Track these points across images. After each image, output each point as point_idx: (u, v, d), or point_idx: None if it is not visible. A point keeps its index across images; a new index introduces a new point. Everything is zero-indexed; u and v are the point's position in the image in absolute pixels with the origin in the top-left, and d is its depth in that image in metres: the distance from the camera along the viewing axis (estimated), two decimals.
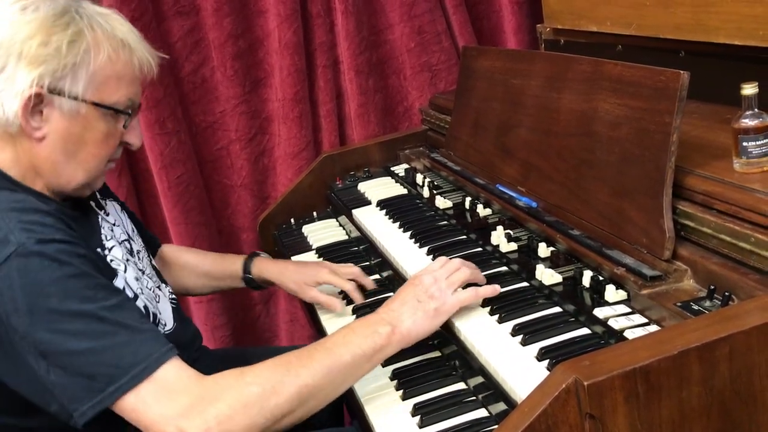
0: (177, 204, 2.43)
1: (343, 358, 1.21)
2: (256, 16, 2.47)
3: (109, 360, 1.11)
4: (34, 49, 1.18)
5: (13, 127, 1.21)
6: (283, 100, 2.49)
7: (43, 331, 1.10)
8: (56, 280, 1.12)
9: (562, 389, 0.93)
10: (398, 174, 2.26)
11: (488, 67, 1.95)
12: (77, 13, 1.24)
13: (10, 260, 1.11)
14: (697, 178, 1.30)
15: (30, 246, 1.12)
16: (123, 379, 1.10)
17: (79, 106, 1.23)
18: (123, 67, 1.27)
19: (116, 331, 1.12)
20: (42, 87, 1.19)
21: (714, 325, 0.99)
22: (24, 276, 1.11)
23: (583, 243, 1.42)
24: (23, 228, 1.14)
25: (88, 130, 1.25)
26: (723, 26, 1.52)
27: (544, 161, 1.64)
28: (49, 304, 1.10)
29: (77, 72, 1.21)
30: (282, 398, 1.14)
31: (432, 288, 1.32)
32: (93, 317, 1.12)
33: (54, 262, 1.12)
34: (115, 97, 1.27)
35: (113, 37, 1.26)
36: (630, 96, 1.39)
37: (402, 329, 1.27)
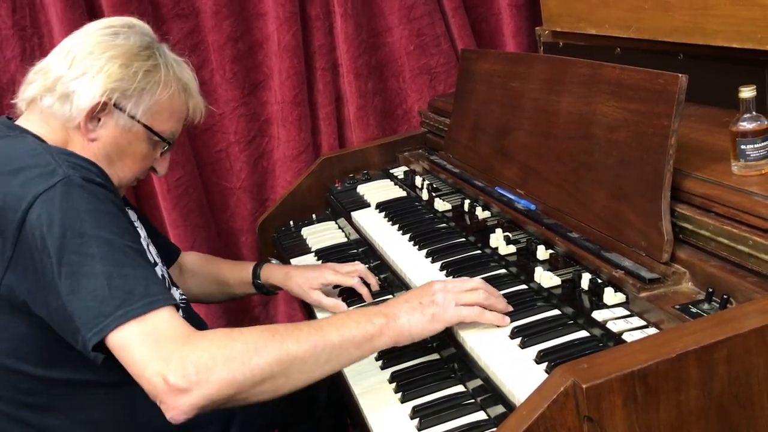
0: (176, 206, 2.43)
1: (331, 338, 1.22)
2: (256, 18, 2.47)
3: (124, 286, 1.17)
4: (116, 68, 1.37)
5: (73, 122, 1.37)
6: (282, 103, 2.49)
7: (71, 253, 1.17)
8: (92, 211, 1.21)
9: (561, 392, 0.93)
10: (397, 176, 2.26)
11: (487, 70, 1.95)
12: (158, 51, 1.45)
13: (56, 187, 1.21)
14: (696, 181, 1.30)
15: (75, 179, 1.23)
16: (133, 305, 1.16)
17: (133, 124, 1.41)
18: (179, 106, 1.48)
19: (136, 265, 1.21)
20: (110, 99, 1.37)
21: (712, 328, 0.99)
22: (65, 200, 1.20)
23: (582, 246, 1.42)
24: (71, 165, 1.25)
25: (132, 145, 1.43)
26: (721, 29, 1.52)
27: (542, 164, 1.64)
28: (81, 227, 1.19)
29: (142, 96, 1.40)
30: (263, 359, 1.16)
31: (438, 295, 1.32)
32: (118, 247, 1.20)
33: (93, 196, 1.23)
34: (163, 126, 1.45)
35: (180, 79, 1.47)
36: (628, 99, 1.39)
37: (396, 324, 1.27)
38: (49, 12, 2.28)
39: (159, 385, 1.12)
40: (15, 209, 1.20)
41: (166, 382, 1.12)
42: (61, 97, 1.36)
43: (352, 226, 2.05)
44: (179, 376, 1.12)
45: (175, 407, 1.12)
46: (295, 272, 1.77)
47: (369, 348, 1.26)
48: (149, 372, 1.13)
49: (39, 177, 1.22)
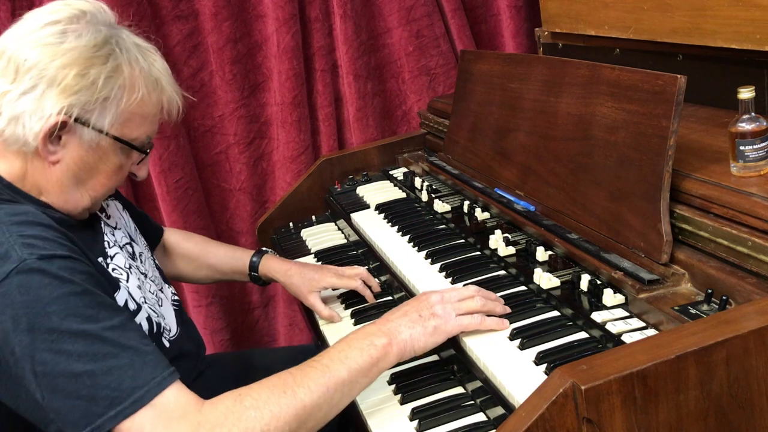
0: (176, 208, 2.43)
1: (340, 375, 1.18)
2: (255, 20, 2.48)
3: (110, 383, 1.07)
4: (70, 79, 1.18)
5: (29, 147, 1.21)
6: (281, 104, 2.49)
7: (43, 351, 1.07)
8: (58, 298, 1.09)
9: (560, 393, 0.93)
10: (397, 178, 2.26)
11: (486, 71, 1.95)
12: (117, 45, 1.24)
13: (11, 277, 1.08)
14: (695, 182, 1.30)
15: (31, 262, 1.10)
16: (124, 404, 1.07)
17: (100, 138, 1.23)
18: (151, 108, 1.29)
19: (118, 353, 1.09)
20: (69, 116, 1.19)
21: (711, 329, 0.99)
22: (25, 293, 1.08)
23: (581, 247, 1.42)
24: (24, 243, 1.12)
25: (102, 161, 1.26)
26: (720, 30, 1.52)
27: (542, 165, 1.64)
28: (50, 323, 1.07)
29: (107, 106, 1.21)
30: (281, 421, 1.12)
31: (436, 306, 1.29)
32: (95, 338, 1.09)
33: (56, 279, 1.10)
34: (135, 133, 1.28)
35: (149, 76, 1.27)
36: (627, 100, 1.39)
37: (399, 341, 1.24)
38: None
39: None
40: None
41: None
42: (10, 121, 1.18)
43: (351, 228, 2.05)
44: None
45: None
46: (296, 271, 1.73)
47: (376, 372, 1.23)
48: None
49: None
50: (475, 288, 1.36)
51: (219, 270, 1.82)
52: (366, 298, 1.69)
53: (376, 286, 1.72)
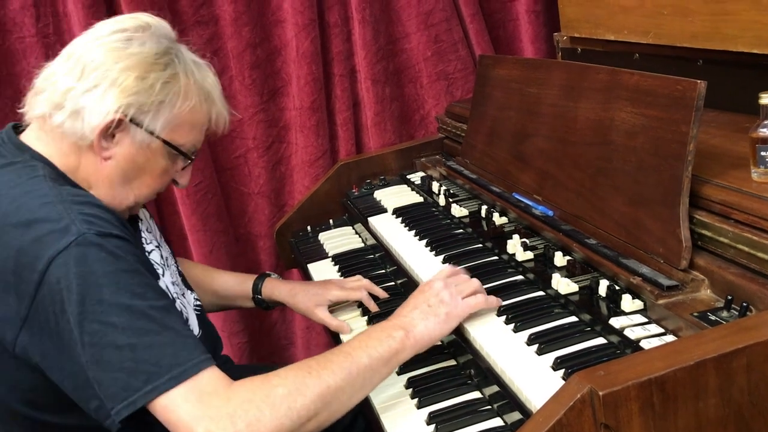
0: (195, 211, 2.45)
1: (362, 361, 1.23)
2: (274, 25, 2.49)
3: (150, 358, 1.12)
4: (131, 80, 1.26)
5: (85, 141, 1.28)
6: (300, 109, 2.51)
7: (92, 322, 1.12)
8: (110, 273, 1.15)
9: (578, 399, 0.93)
10: (414, 182, 2.26)
11: (504, 75, 1.95)
12: (176, 57, 1.33)
13: (70, 248, 1.14)
14: (715, 187, 1.29)
15: (90, 237, 1.16)
16: (161, 379, 1.11)
17: (151, 140, 1.31)
18: (201, 117, 1.37)
19: (160, 331, 1.14)
20: (126, 115, 1.27)
21: (731, 335, 0.99)
22: (81, 265, 1.14)
23: (600, 252, 1.41)
24: (84, 219, 1.18)
25: (150, 162, 1.33)
26: (741, 35, 1.51)
27: (560, 170, 1.63)
28: (100, 294, 1.13)
29: (161, 110, 1.29)
30: (307, 399, 1.16)
31: (442, 293, 1.35)
32: (141, 314, 1.14)
33: (110, 255, 1.16)
34: (184, 140, 1.35)
35: (202, 87, 1.35)
36: (647, 105, 1.38)
37: (415, 333, 1.29)
38: (72, 20, 2.32)
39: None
40: (31, 269, 1.15)
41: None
42: (71, 114, 1.26)
43: (369, 232, 2.05)
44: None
45: None
46: (300, 289, 1.75)
47: (396, 362, 1.28)
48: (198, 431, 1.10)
49: (52, 234, 1.15)
50: (464, 270, 1.45)
51: (223, 296, 1.83)
52: (369, 308, 1.69)
53: (381, 293, 1.72)
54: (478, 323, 1.39)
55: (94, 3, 2.25)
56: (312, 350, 2.68)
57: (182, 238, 2.54)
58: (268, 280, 1.80)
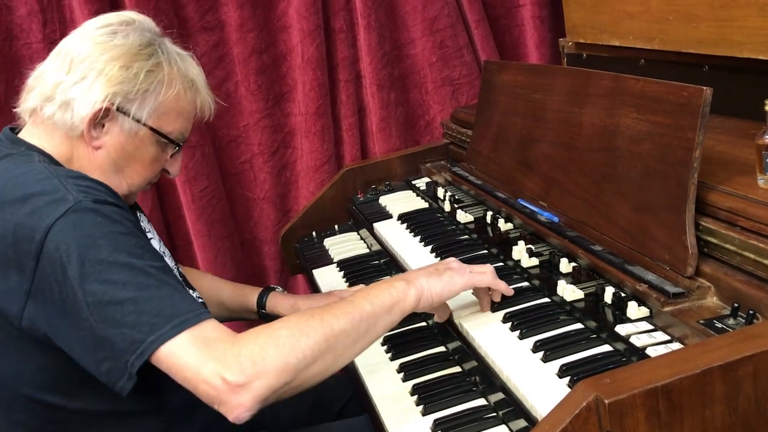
0: (200, 217, 2.45)
1: (365, 308, 1.26)
2: (280, 31, 2.50)
3: (152, 309, 1.15)
4: (116, 70, 1.32)
5: (75, 131, 1.33)
6: (305, 115, 2.51)
7: (92, 282, 1.15)
8: (107, 234, 1.18)
9: (583, 407, 0.92)
10: (419, 188, 2.26)
11: (510, 81, 1.95)
12: (159, 48, 1.38)
13: (67, 214, 1.18)
14: (721, 194, 1.29)
15: (86, 203, 1.20)
16: (164, 329, 1.14)
17: (139, 128, 1.36)
18: (186, 105, 1.42)
19: (160, 285, 1.18)
20: (113, 104, 1.32)
21: (738, 343, 0.98)
22: (79, 228, 1.17)
23: (605, 259, 1.41)
24: (80, 189, 1.23)
25: (139, 150, 1.38)
26: (747, 41, 1.51)
27: (565, 176, 1.63)
28: (99, 254, 1.16)
29: (147, 98, 1.34)
30: (311, 339, 1.18)
31: (453, 263, 1.40)
32: (139, 270, 1.17)
33: (107, 218, 1.20)
34: (171, 127, 1.40)
35: (185, 76, 1.40)
36: (652, 111, 1.38)
37: (416, 285, 1.32)
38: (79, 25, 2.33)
39: (218, 385, 1.12)
40: (29, 240, 1.17)
41: (224, 381, 1.11)
42: (61, 106, 1.31)
43: (374, 237, 2.05)
44: (236, 371, 1.12)
45: (239, 405, 1.12)
46: (303, 302, 1.76)
47: (399, 311, 1.30)
48: (205, 373, 1.12)
49: (48, 205, 1.19)
50: (490, 267, 1.45)
51: (229, 308, 1.84)
52: None
53: None
54: (483, 329, 1.39)
55: (100, 8, 2.26)
56: None
57: (187, 244, 2.55)
58: (272, 295, 1.81)
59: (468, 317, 1.44)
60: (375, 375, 1.46)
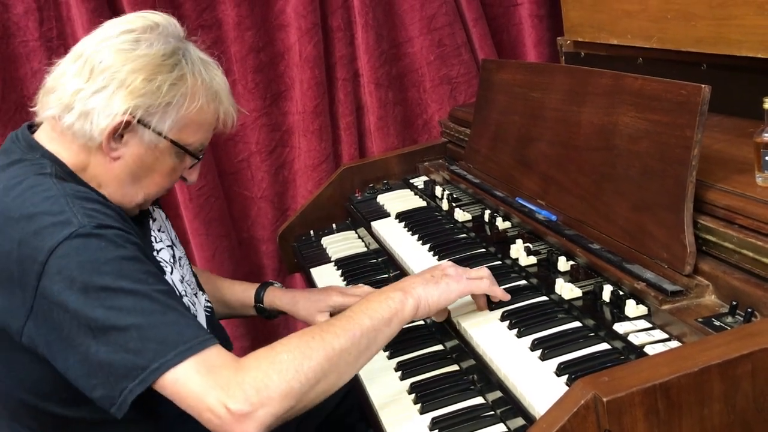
0: (198, 215, 2.45)
1: (364, 323, 1.25)
2: (278, 30, 2.50)
3: (156, 336, 1.14)
4: (138, 83, 1.28)
5: (94, 142, 1.30)
6: (303, 113, 2.51)
7: (96, 308, 1.14)
8: (112, 260, 1.17)
9: (581, 405, 0.92)
10: (417, 186, 2.26)
11: (508, 80, 1.95)
12: (184, 57, 1.34)
13: (70, 239, 1.16)
14: (719, 192, 1.29)
15: (90, 228, 1.18)
16: (168, 356, 1.13)
17: (159, 140, 1.33)
18: (208, 117, 1.38)
19: (165, 311, 1.16)
20: (134, 117, 1.29)
21: (736, 341, 0.98)
22: (81, 254, 1.16)
23: (603, 257, 1.41)
24: (85, 213, 1.21)
25: (159, 162, 1.35)
26: (746, 39, 1.51)
27: (563, 175, 1.63)
28: (103, 281, 1.15)
29: (168, 111, 1.31)
30: (314, 361, 1.18)
31: (449, 269, 1.39)
32: (144, 296, 1.16)
33: (111, 243, 1.19)
34: (191, 139, 1.37)
35: (210, 88, 1.37)
36: (650, 110, 1.38)
37: (413, 294, 1.32)
38: (76, 24, 2.32)
39: (222, 415, 1.11)
40: (32, 260, 1.16)
41: (228, 411, 1.11)
42: (80, 116, 1.28)
43: (371, 236, 2.05)
44: (241, 400, 1.11)
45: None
46: (301, 297, 1.75)
47: (397, 322, 1.30)
48: (209, 402, 1.11)
49: (53, 227, 1.18)
50: (488, 272, 1.44)
51: (229, 305, 1.84)
52: None
53: None
54: (481, 328, 1.39)
55: (97, 6, 2.25)
56: None
57: (185, 243, 2.54)
58: (270, 289, 1.81)
59: (466, 316, 1.44)
60: (372, 374, 1.46)
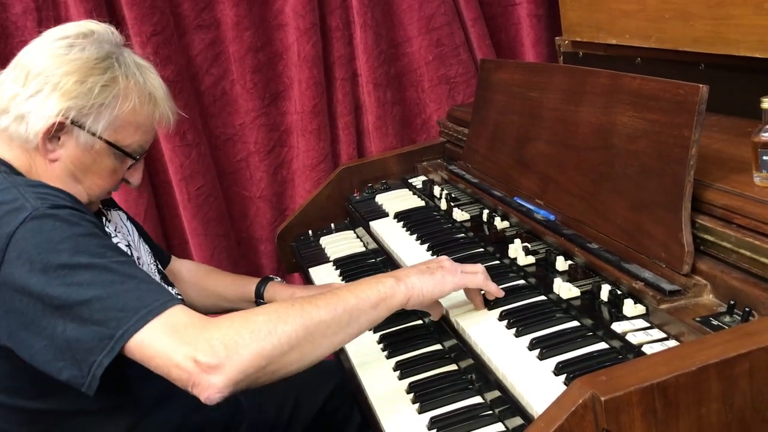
0: (196, 215, 2.45)
1: (349, 300, 1.25)
2: (276, 29, 2.50)
3: (117, 304, 1.15)
4: (70, 85, 1.30)
5: (30, 144, 1.33)
6: (301, 113, 2.51)
7: (56, 286, 1.15)
8: (67, 238, 1.18)
9: (579, 404, 0.92)
10: (416, 186, 2.26)
11: (506, 79, 1.95)
12: (117, 61, 1.36)
13: (25, 223, 1.18)
14: (717, 192, 1.29)
15: (43, 210, 1.20)
16: (130, 321, 1.14)
17: (94, 142, 1.35)
18: (144, 119, 1.40)
19: (124, 280, 1.17)
20: (67, 118, 1.31)
21: (734, 340, 0.98)
22: (37, 235, 1.18)
23: (602, 257, 1.41)
24: (37, 196, 1.23)
25: (96, 163, 1.37)
26: (744, 39, 1.51)
27: (562, 174, 1.63)
28: (60, 259, 1.16)
29: (102, 112, 1.33)
30: (288, 326, 1.17)
31: (445, 261, 1.39)
32: (103, 269, 1.17)
33: (65, 222, 1.20)
34: (128, 141, 1.39)
35: (143, 89, 1.38)
36: (648, 109, 1.38)
37: (407, 282, 1.31)
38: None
39: (189, 367, 1.11)
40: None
41: (196, 363, 1.11)
42: (16, 118, 1.31)
43: (370, 236, 2.05)
44: (208, 354, 1.11)
45: (210, 386, 1.11)
46: (301, 292, 1.76)
47: (385, 308, 1.29)
48: (177, 358, 1.12)
49: (8, 214, 1.20)
50: (482, 268, 1.43)
51: (226, 298, 1.84)
52: None
53: None
54: (479, 327, 1.39)
55: (95, 7, 2.25)
56: None
57: (183, 242, 2.54)
58: (271, 284, 1.81)
59: (464, 315, 1.44)
60: (371, 373, 1.47)
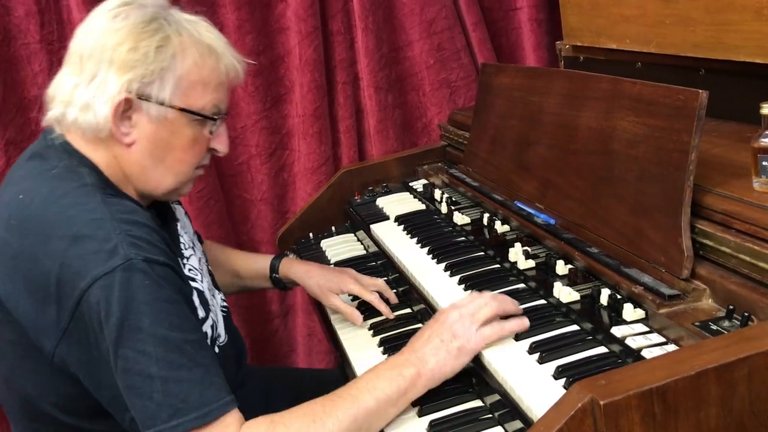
0: (197, 218, 2.45)
1: (368, 405, 1.21)
2: (278, 33, 2.50)
3: (179, 393, 1.12)
4: (123, 55, 1.22)
5: (103, 132, 1.25)
6: (303, 116, 2.52)
7: (126, 348, 1.13)
8: (152, 301, 1.14)
9: (578, 408, 0.92)
10: (416, 189, 2.26)
11: (507, 84, 1.96)
12: (165, 20, 1.27)
13: (116, 272, 1.13)
14: (716, 197, 1.29)
15: (136, 263, 1.15)
16: (187, 417, 1.12)
17: (166, 112, 1.26)
18: (209, 73, 1.29)
19: (192, 367, 1.14)
20: (131, 92, 1.23)
21: (733, 345, 0.98)
22: (124, 290, 1.13)
23: (601, 261, 1.41)
24: (132, 243, 1.17)
25: (175, 135, 1.28)
26: (743, 45, 1.52)
27: (562, 178, 1.64)
28: (140, 322, 1.13)
29: (164, 77, 1.24)
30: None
31: (456, 326, 1.29)
32: (175, 347, 1.14)
33: (155, 283, 1.15)
34: (201, 102, 1.29)
35: (200, 42, 1.28)
36: (648, 114, 1.39)
37: (426, 371, 1.25)
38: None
39: None
40: (73, 285, 1.14)
41: None
42: (82, 108, 1.24)
43: (371, 239, 2.05)
44: None
45: None
46: (316, 271, 1.75)
47: (404, 402, 1.25)
48: None
49: (98, 254, 1.14)
50: (489, 294, 1.36)
51: (242, 275, 1.83)
52: (382, 312, 1.67)
53: (393, 298, 1.72)
54: None
55: None
56: (313, 358, 2.68)
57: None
58: (286, 259, 1.81)
59: None
60: None
